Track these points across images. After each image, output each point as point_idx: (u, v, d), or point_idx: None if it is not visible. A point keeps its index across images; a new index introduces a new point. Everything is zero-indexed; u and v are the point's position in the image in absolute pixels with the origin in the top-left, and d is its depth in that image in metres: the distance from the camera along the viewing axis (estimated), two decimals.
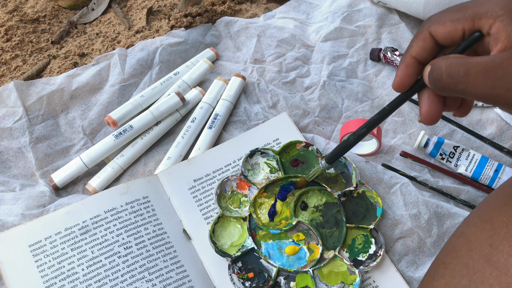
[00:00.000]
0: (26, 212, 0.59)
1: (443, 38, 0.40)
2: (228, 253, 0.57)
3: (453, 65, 0.36)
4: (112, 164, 0.66)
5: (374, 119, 0.46)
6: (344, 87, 0.75)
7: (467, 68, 0.35)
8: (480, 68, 0.35)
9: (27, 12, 0.86)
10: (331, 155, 0.53)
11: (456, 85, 0.36)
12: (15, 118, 0.69)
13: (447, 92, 0.38)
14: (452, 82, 0.36)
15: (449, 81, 0.37)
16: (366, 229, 0.59)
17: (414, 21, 0.85)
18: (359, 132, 0.48)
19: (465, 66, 0.36)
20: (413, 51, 0.41)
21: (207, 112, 0.71)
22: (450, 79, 0.36)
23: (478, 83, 0.35)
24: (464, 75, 0.36)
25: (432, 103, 0.41)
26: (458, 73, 0.36)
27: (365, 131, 0.47)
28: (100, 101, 0.72)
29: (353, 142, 0.49)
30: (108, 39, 0.83)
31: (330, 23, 0.83)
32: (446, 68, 0.37)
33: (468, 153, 0.67)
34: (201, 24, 0.83)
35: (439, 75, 0.38)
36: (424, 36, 0.41)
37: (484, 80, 0.35)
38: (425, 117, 0.41)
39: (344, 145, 0.51)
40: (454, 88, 0.37)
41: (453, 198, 0.65)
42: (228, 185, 0.62)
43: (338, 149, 0.52)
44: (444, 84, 0.37)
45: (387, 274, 0.57)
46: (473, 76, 0.35)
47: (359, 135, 0.48)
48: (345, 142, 0.50)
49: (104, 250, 0.55)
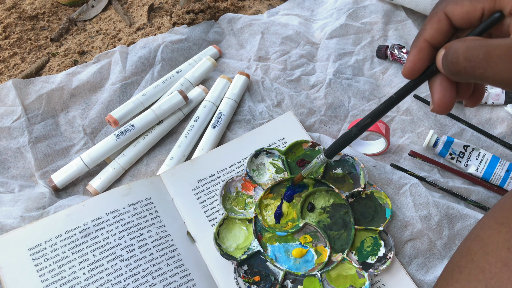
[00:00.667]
0: (26, 214, 0.57)
1: (460, 19, 0.37)
2: (234, 256, 0.56)
3: (472, 48, 0.34)
4: (114, 164, 0.64)
5: (380, 108, 0.43)
6: (350, 85, 0.73)
7: (487, 51, 0.33)
8: (503, 50, 0.32)
9: (26, 9, 0.84)
10: (331, 149, 0.49)
11: (474, 69, 0.34)
12: (14, 117, 0.67)
13: (463, 77, 0.35)
14: (470, 66, 0.34)
15: (467, 64, 0.34)
16: (375, 231, 0.58)
17: (421, 17, 0.83)
18: (363, 123, 0.44)
19: (486, 48, 0.33)
20: (427, 34, 0.38)
21: (211, 111, 0.69)
22: (468, 62, 0.34)
23: (499, 66, 0.33)
24: (484, 58, 0.33)
25: (445, 90, 0.38)
26: (478, 56, 0.33)
27: (370, 122, 0.44)
28: (101, 99, 0.70)
29: (355, 134, 0.46)
30: (108, 37, 0.81)
31: (335, 20, 0.81)
32: (463, 51, 0.34)
33: (479, 152, 0.66)
34: (204, 21, 0.81)
35: (455, 58, 0.35)
36: (439, 18, 0.38)
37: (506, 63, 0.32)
38: (438, 105, 0.39)
39: (345, 138, 0.47)
40: (471, 73, 0.34)
41: (464, 199, 0.63)
42: (233, 186, 0.60)
43: (338, 142, 0.48)
44: (460, 68, 0.35)
45: (397, 278, 0.56)
46: (494, 59, 0.33)
47: (362, 126, 0.45)
48: (347, 134, 0.47)
49: (106, 253, 0.53)
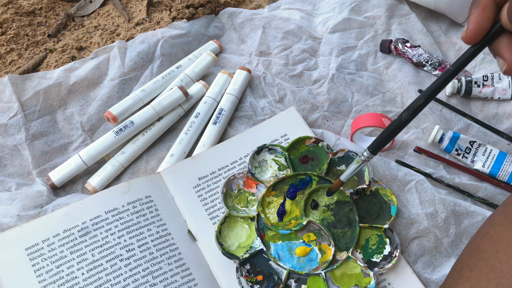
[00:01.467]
0: (23, 213, 0.56)
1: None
2: (236, 254, 0.54)
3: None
4: (113, 161, 0.63)
5: (436, 85, 0.38)
6: (353, 80, 0.72)
7: None
8: None
9: (23, 5, 0.83)
10: (378, 142, 0.44)
11: None
12: (10, 114, 0.65)
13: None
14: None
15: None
16: (380, 229, 0.56)
17: (424, 11, 0.82)
18: (416, 104, 0.39)
19: None
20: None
21: (211, 107, 0.68)
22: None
23: None
24: None
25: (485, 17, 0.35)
26: None
27: (424, 102, 0.39)
28: (100, 96, 0.69)
29: (407, 119, 0.40)
30: (107, 32, 0.80)
31: (337, 14, 0.80)
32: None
33: (485, 148, 0.64)
34: (204, 15, 0.80)
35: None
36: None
37: None
38: (471, 31, 0.35)
39: (396, 125, 0.42)
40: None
41: (471, 196, 0.62)
42: (234, 183, 0.59)
43: (387, 132, 0.43)
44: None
45: (403, 276, 0.55)
46: None
47: (415, 109, 0.39)
48: (397, 121, 0.41)
49: (105, 253, 0.52)
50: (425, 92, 0.39)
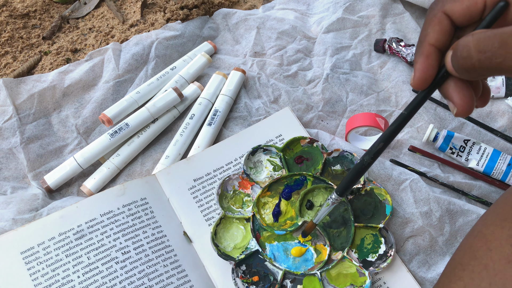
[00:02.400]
0: (18, 216, 0.56)
1: (461, 16, 0.35)
2: (231, 256, 0.54)
3: (483, 39, 0.31)
4: (108, 164, 0.63)
5: (392, 129, 0.39)
6: (348, 80, 0.72)
7: (503, 39, 0.30)
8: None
9: (17, 7, 0.83)
10: (344, 185, 0.45)
11: (491, 59, 0.31)
12: (5, 117, 0.65)
13: (478, 71, 0.32)
14: (485, 57, 0.31)
15: (481, 56, 0.31)
16: (375, 228, 0.56)
17: (418, 10, 0.82)
18: (375, 148, 0.40)
19: (500, 36, 0.30)
20: (431, 37, 0.36)
21: (206, 108, 0.68)
22: (482, 54, 0.31)
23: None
24: (500, 47, 0.30)
25: (463, 90, 0.35)
26: (492, 45, 0.31)
27: (383, 146, 0.40)
28: (94, 98, 0.69)
29: (368, 162, 0.41)
30: (101, 34, 0.80)
31: (331, 13, 0.80)
32: (475, 44, 0.32)
33: (479, 146, 0.65)
34: (198, 16, 0.80)
35: (466, 52, 0.32)
36: (439, 19, 0.36)
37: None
38: (462, 108, 0.35)
39: (358, 169, 0.43)
40: (488, 64, 0.31)
41: (465, 194, 0.62)
42: (229, 184, 0.59)
43: (351, 175, 0.44)
44: (474, 62, 0.32)
45: (398, 275, 0.55)
46: None
47: (375, 153, 0.40)
48: (359, 165, 0.42)
49: (100, 255, 0.52)
50: (382, 137, 0.40)
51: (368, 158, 0.41)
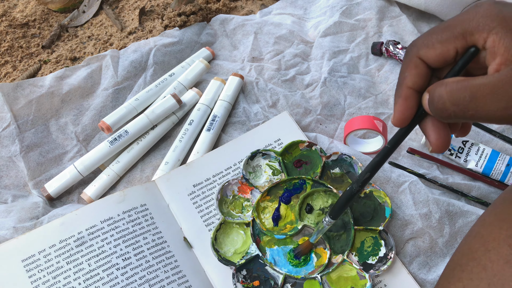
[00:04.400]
0: (19, 225, 0.56)
1: (435, 61, 0.37)
2: (232, 261, 0.55)
3: (455, 91, 0.34)
4: (108, 171, 0.63)
5: (376, 160, 0.42)
6: (346, 83, 0.72)
7: (472, 92, 0.33)
8: (488, 89, 0.32)
9: (16, 17, 0.83)
10: (336, 209, 0.47)
11: (464, 112, 0.34)
12: (3, 125, 0.66)
13: (455, 119, 0.35)
14: (459, 110, 0.34)
15: (455, 109, 0.34)
16: (375, 231, 0.57)
17: (415, 13, 0.82)
18: (363, 178, 0.43)
19: (470, 90, 0.33)
20: (409, 81, 0.38)
21: (205, 114, 0.68)
22: (456, 106, 0.34)
23: (489, 105, 0.33)
24: (471, 101, 0.33)
25: (439, 130, 0.38)
26: (464, 99, 0.33)
27: (369, 176, 0.43)
28: (93, 105, 0.69)
29: (357, 190, 0.44)
30: (100, 42, 0.80)
31: (328, 17, 0.80)
32: (448, 96, 0.34)
33: (478, 147, 0.65)
34: (196, 22, 0.80)
35: (441, 104, 0.35)
36: (415, 63, 0.38)
37: (495, 102, 0.32)
38: (436, 146, 0.38)
39: (347, 196, 0.46)
40: (462, 115, 0.34)
41: (464, 195, 0.62)
42: (229, 189, 0.59)
43: (341, 201, 0.47)
44: (450, 113, 0.35)
45: (399, 278, 0.55)
46: (482, 100, 0.33)
47: (363, 182, 0.43)
48: (349, 192, 0.45)
49: (101, 262, 0.52)
50: (368, 167, 0.42)
51: (357, 186, 0.44)
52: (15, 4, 0.86)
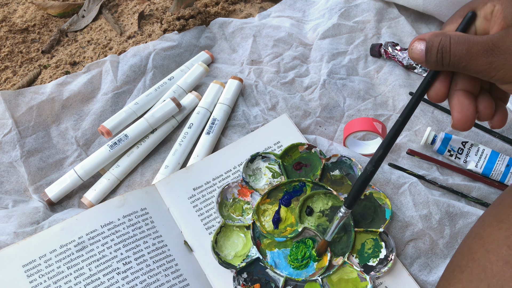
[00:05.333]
0: (19, 230, 0.56)
1: None
2: (232, 264, 0.55)
3: (457, 43, 0.39)
4: (108, 175, 0.63)
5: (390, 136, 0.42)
6: (345, 85, 0.73)
7: (468, 47, 0.39)
8: (480, 46, 0.38)
9: (16, 22, 0.84)
10: (351, 198, 0.47)
11: (459, 62, 0.39)
12: (5, 131, 0.66)
13: (449, 67, 0.40)
14: (456, 60, 0.40)
15: (453, 58, 0.40)
16: (376, 232, 0.57)
17: (413, 14, 0.82)
18: (376, 156, 0.43)
19: (467, 44, 0.39)
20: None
21: (204, 117, 0.68)
22: (454, 56, 0.40)
23: (477, 60, 0.38)
24: (466, 53, 0.39)
25: (464, 107, 0.42)
26: (461, 51, 0.39)
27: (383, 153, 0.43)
28: (93, 110, 0.69)
29: (371, 171, 0.44)
30: (99, 46, 0.81)
31: (327, 20, 0.81)
32: (452, 46, 0.39)
33: (477, 148, 0.65)
34: (195, 26, 0.81)
35: (446, 53, 0.40)
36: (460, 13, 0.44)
37: (483, 57, 0.38)
38: (457, 120, 0.42)
39: (362, 179, 0.45)
40: (457, 65, 0.40)
41: (464, 196, 0.62)
42: (229, 192, 0.59)
43: (357, 187, 0.47)
44: (448, 62, 0.40)
45: (400, 279, 0.55)
46: (474, 54, 0.38)
47: (376, 161, 0.43)
48: (363, 175, 0.45)
49: (102, 266, 0.52)
50: (382, 143, 0.44)
51: (371, 167, 0.44)
52: (15, 10, 0.86)
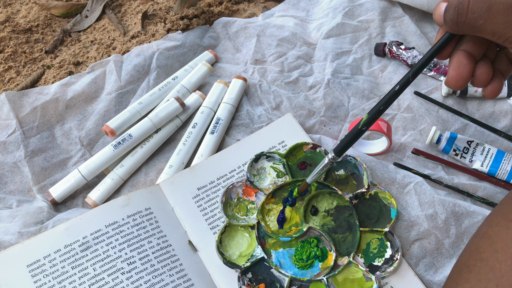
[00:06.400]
0: (24, 230, 0.56)
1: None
2: (237, 264, 0.54)
3: (477, 1, 0.39)
4: (112, 175, 0.63)
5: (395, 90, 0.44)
6: (349, 84, 0.72)
7: (490, 5, 0.38)
8: (502, 6, 0.38)
9: (19, 22, 0.84)
10: (341, 145, 0.49)
11: (477, 20, 0.39)
12: (9, 131, 0.66)
13: (463, 27, 0.40)
14: (473, 17, 0.39)
15: (471, 15, 0.39)
16: (381, 232, 0.56)
17: (418, 13, 0.82)
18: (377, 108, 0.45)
19: (489, 2, 0.38)
20: None
21: (209, 117, 0.68)
22: (472, 14, 0.39)
23: (496, 19, 0.38)
24: (486, 11, 0.38)
25: (461, 65, 0.42)
26: (481, 8, 0.38)
27: (382, 109, 0.45)
28: (97, 110, 0.69)
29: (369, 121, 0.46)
30: (103, 46, 0.81)
31: (331, 19, 0.80)
32: (471, 3, 0.39)
33: (483, 147, 0.64)
34: (198, 26, 0.80)
35: (462, 10, 0.39)
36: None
37: (503, 16, 0.38)
38: (452, 78, 0.43)
39: (355, 132, 0.48)
40: (473, 23, 0.39)
41: (470, 196, 0.62)
42: (233, 192, 0.59)
43: (348, 137, 0.49)
44: (464, 19, 0.40)
45: (405, 279, 0.54)
46: (494, 12, 0.38)
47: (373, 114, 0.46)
48: (356, 128, 0.47)
49: (106, 266, 0.52)
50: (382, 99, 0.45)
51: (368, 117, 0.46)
52: (18, 10, 0.86)
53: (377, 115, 0.46)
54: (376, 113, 0.46)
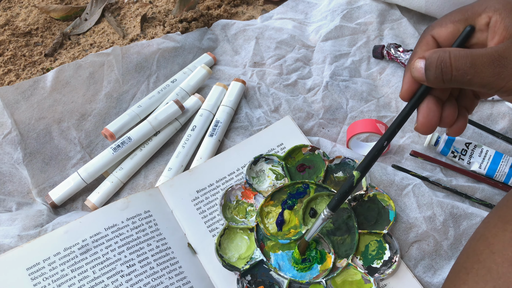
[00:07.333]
0: (23, 233, 0.56)
1: (445, 39, 0.42)
2: (236, 266, 0.55)
3: (459, 57, 0.38)
4: (111, 178, 0.63)
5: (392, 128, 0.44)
6: (347, 87, 0.73)
7: (473, 59, 0.38)
8: (486, 59, 0.37)
9: (19, 26, 0.84)
10: (336, 202, 0.48)
11: (463, 76, 0.38)
12: (4, 131, 0.65)
13: (452, 83, 0.39)
14: (459, 74, 0.38)
15: (456, 73, 0.39)
16: (379, 234, 0.56)
17: (416, 15, 0.82)
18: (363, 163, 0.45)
19: (471, 57, 0.38)
20: (418, 56, 0.41)
21: (208, 120, 0.68)
22: (457, 71, 0.38)
23: (484, 72, 0.37)
24: (471, 66, 0.38)
25: (430, 111, 0.42)
26: (465, 64, 0.38)
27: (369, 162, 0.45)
28: (96, 111, 0.69)
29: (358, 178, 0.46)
30: (102, 49, 0.81)
31: (329, 21, 0.81)
32: (453, 61, 0.38)
33: (481, 149, 0.65)
34: (197, 28, 0.81)
35: (444, 68, 0.39)
36: (427, 40, 0.43)
37: (490, 69, 0.37)
38: (421, 124, 0.42)
39: (349, 185, 0.47)
40: (460, 80, 0.39)
41: (468, 198, 0.62)
42: (232, 194, 0.59)
43: (343, 190, 0.48)
44: (450, 77, 0.39)
45: (404, 281, 0.55)
46: (480, 67, 0.38)
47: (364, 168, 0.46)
48: (349, 181, 0.47)
49: (106, 269, 0.52)
50: (368, 154, 0.45)
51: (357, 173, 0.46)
52: (18, 13, 0.87)
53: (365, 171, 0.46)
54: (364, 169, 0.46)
